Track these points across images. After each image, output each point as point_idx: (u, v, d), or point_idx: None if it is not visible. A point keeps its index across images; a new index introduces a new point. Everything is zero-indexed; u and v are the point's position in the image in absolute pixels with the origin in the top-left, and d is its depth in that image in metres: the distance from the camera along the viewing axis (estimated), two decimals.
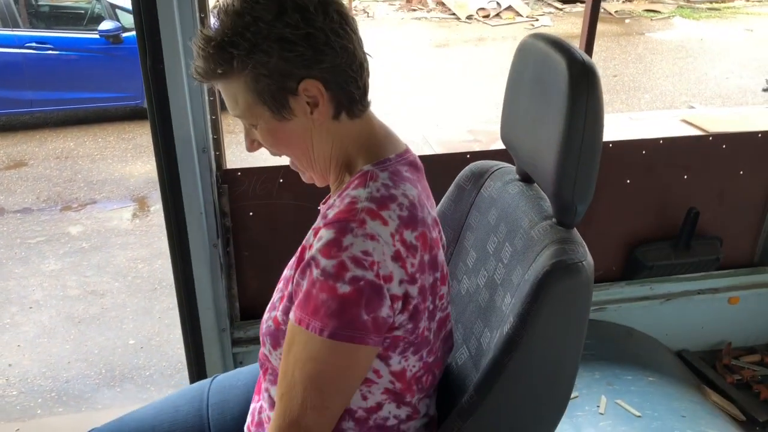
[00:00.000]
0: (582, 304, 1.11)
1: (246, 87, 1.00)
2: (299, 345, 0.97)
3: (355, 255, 0.93)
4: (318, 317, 0.94)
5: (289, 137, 1.06)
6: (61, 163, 6.08)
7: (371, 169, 1.05)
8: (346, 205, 0.98)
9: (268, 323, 1.08)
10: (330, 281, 0.93)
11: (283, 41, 0.96)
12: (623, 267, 2.52)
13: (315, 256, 0.95)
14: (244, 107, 1.03)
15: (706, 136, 2.43)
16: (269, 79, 0.98)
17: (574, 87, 1.02)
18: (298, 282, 0.98)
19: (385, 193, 1.00)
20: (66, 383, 3.11)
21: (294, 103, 1.01)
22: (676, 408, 2.06)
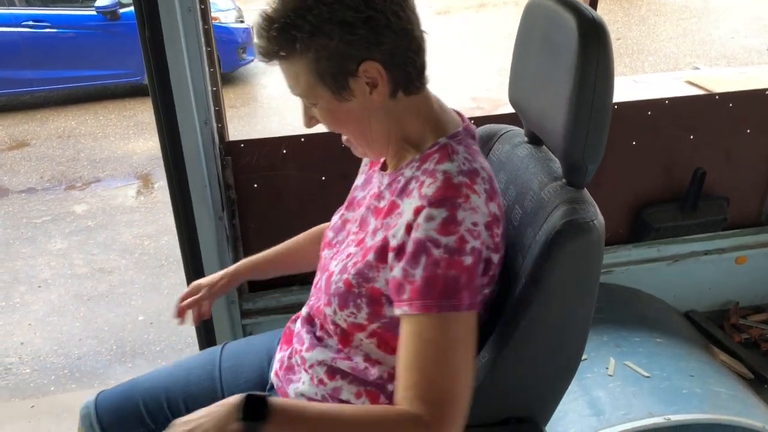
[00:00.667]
0: (593, 263, 1.11)
1: (307, 68, 1.02)
2: (431, 332, 0.98)
3: (469, 227, 0.99)
4: (452, 295, 0.98)
5: (348, 117, 1.08)
6: (64, 142, 6.08)
7: (447, 142, 1.08)
8: (442, 181, 1.01)
9: (338, 284, 1.11)
10: (456, 256, 0.98)
11: (344, 24, 0.98)
12: (630, 229, 2.52)
13: (431, 236, 0.98)
14: (305, 87, 1.05)
15: (712, 95, 2.41)
16: (330, 61, 1.01)
17: (585, 45, 1.00)
18: (406, 270, 1.00)
19: (470, 167, 1.04)
20: (78, 360, 3.15)
21: (354, 84, 1.04)
22: (684, 368, 2.07)
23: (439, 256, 0.97)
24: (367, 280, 1.08)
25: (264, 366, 1.42)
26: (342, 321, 1.12)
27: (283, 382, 1.27)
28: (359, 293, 1.08)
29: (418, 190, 1.03)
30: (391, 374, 1.14)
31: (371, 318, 1.10)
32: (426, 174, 1.05)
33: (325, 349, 1.19)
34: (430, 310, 0.98)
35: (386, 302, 1.08)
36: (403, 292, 1.00)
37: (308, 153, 2.09)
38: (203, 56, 1.78)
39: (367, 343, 1.13)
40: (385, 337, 1.11)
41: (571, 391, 1.98)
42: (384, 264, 1.05)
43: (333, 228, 1.29)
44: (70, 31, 6.70)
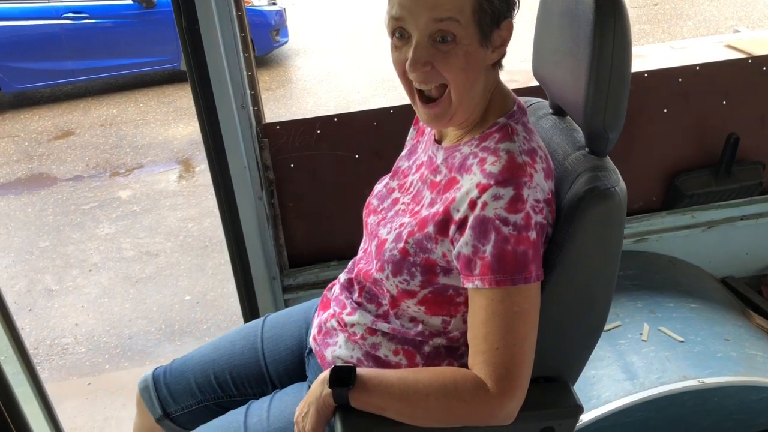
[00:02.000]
0: (616, 228, 1.15)
1: (475, 3, 1.05)
2: (505, 306, 1.05)
3: (533, 204, 1.05)
4: (522, 269, 1.04)
5: (474, 64, 1.09)
6: (106, 130, 6.24)
7: (507, 122, 1.13)
8: (506, 160, 1.06)
9: (393, 252, 1.16)
10: (524, 232, 1.04)
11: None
12: (664, 197, 2.52)
13: (500, 214, 1.03)
14: (465, 17, 1.05)
15: (745, 59, 2.37)
16: (493, 6, 1.06)
17: (601, 16, 1.04)
18: (476, 247, 1.05)
19: (530, 146, 1.10)
20: (129, 339, 3.29)
21: (494, 35, 1.09)
22: (718, 332, 2.08)
23: (508, 233, 1.03)
24: (424, 251, 1.13)
25: (303, 333, 1.50)
26: (393, 287, 1.18)
27: (321, 346, 1.34)
28: (414, 262, 1.14)
29: (480, 166, 1.08)
30: (431, 333, 1.21)
31: (423, 285, 1.15)
32: (487, 151, 1.10)
33: (366, 313, 1.26)
34: (502, 284, 1.04)
35: (440, 272, 1.14)
36: (475, 268, 1.06)
37: (341, 132, 2.14)
38: (238, 42, 1.84)
39: (415, 308, 1.19)
40: (435, 303, 1.17)
41: (605, 357, 2.02)
42: (444, 237, 1.11)
43: (378, 196, 1.35)
44: (108, 21, 6.85)
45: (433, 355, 1.22)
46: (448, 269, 1.13)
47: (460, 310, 1.17)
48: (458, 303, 1.17)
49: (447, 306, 1.17)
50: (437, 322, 1.19)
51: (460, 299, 1.16)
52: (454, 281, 1.14)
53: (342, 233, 2.26)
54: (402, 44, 1.10)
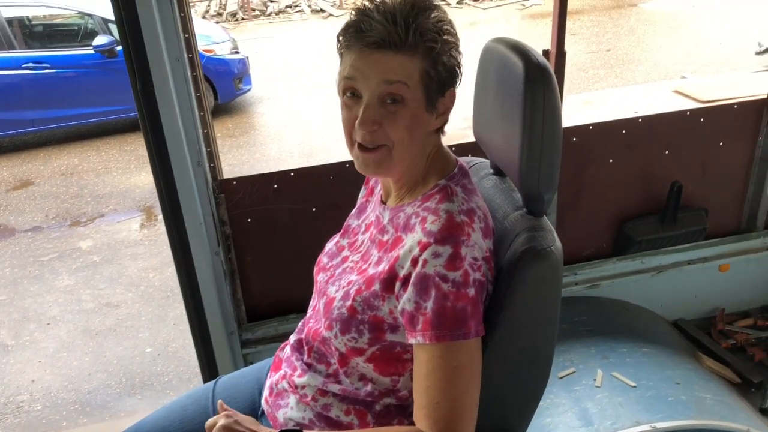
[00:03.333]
0: (553, 286, 1.20)
1: (422, 71, 1.12)
2: (445, 361, 1.09)
3: (471, 261, 1.09)
4: (461, 325, 1.08)
5: (419, 129, 1.16)
6: (67, 179, 6.18)
7: (447, 184, 1.19)
8: (445, 220, 1.10)
9: (341, 311, 1.19)
10: (463, 289, 1.08)
11: (458, 54, 1.17)
12: (614, 243, 2.59)
13: (440, 272, 1.07)
14: (413, 83, 1.12)
15: (683, 111, 2.49)
16: (439, 76, 1.13)
17: (531, 87, 1.10)
18: (418, 303, 1.09)
19: (468, 207, 1.15)
20: (88, 394, 3.21)
21: (438, 103, 1.16)
22: (670, 376, 2.13)
23: (447, 290, 1.07)
24: (371, 308, 1.17)
25: (255, 395, 1.50)
26: (342, 345, 1.20)
27: (272, 408, 1.35)
28: (362, 320, 1.17)
29: (421, 225, 1.13)
30: (381, 392, 1.23)
31: (371, 342, 1.18)
32: (428, 211, 1.15)
33: (316, 375, 1.28)
34: (442, 340, 1.08)
35: (388, 329, 1.17)
36: (417, 323, 1.10)
37: (299, 186, 2.18)
38: (193, 102, 1.88)
39: (364, 366, 1.21)
40: (383, 361, 1.20)
41: (561, 404, 2.06)
42: (390, 293, 1.15)
43: (328, 254, 1.38)
44: (69, 71, 6.82)
45: (384, 413, 1.24)
46: (395, 326, 1.16)
47: (407, 368, 1.20)
48: (406, 360, 1.19)
49: (395, 363, 1.20)
50: (387, 381, 1.22)
51: (408, 356, 1.18)
52: (401, 338, 1.17)
53: (300, 286, 2.25)
54: (353, 103, 1.15)
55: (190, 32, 1.86)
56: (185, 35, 1.83)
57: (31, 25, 7.32)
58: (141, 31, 1.68)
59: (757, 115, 2.51)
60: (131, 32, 1.68)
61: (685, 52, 8.93)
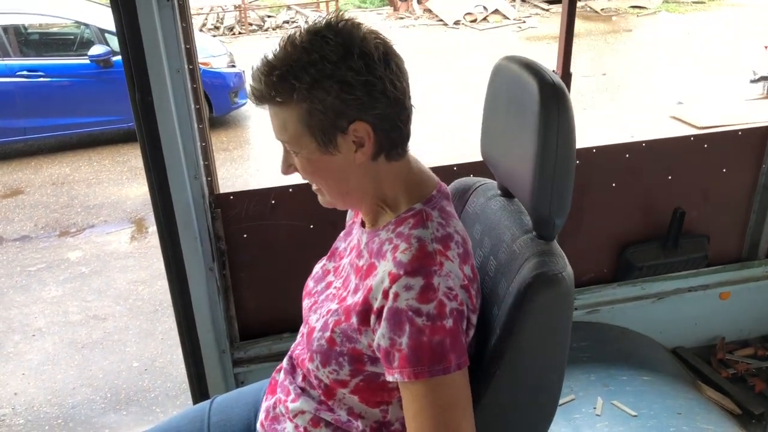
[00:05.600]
0: (563, 313, 1.15)
1: (298, 118, 1.06)
2: (430, 397, 1.02)
3: (445, 291, 1.02)
4: (440, 359, 1.01)
5: (328, 170, 1.12)
6: (58, 189, 6.12)
7: (423, 208, 1.13)
8: (417, 249, 1.05)
9: (320, 342, 1.14)
10: (438, 321, 1.01)
11: (343, 83, 1.03)
12: (614, 269, 2.56)
13: (412, 305, 1.01)
14: (292, 135, 1.08)
15: (687, 136, 2.47)
16: (324, 115, 1.05)
17: (546, 108, 1.07)
18: (392, 339, 1.02)
19: (444, 233, 1.09)
20: (72, 409, 3.14)
21: (341, 140, 1.07)
22: (671, 406, 2.10)
23: (422, 324, 1.00)
24: (350, 340, 1.11)
25: (251, 418, 1.45)
26: (325, 377, 1.15)
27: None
28: (341, 351, 1.12)
29: (392, 254, 1.07)
30: (373, 428, 1.18)
31: (353, 374, 1.13)
32: (400, 237, 1.09)
33: (309, 400, 1.23)
34: (421, 377, 1.01)
35: (368, 361, 1.11)
36: (393, 360, 1.03)
37: (297, 202, 2.14)
38: (192, 114, 1.84)
39: (350, 397, 1.16)
40: (368, 391, 1.15)
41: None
42: (366, 327, 1.08)
43: (315, 278, 1.33)
44: (64, 80, 6.78)
45: None
46: (374, 358, 1.10)
47: (394, 396, 1.15)
48: (392, 389, 1.14)
49: (381, 393, 1.15)
50: (376, 412, 1.17)
51: (393, 385, 1.13)
52: (382, 369, 1.11)
53: (295, 305, 2.19)
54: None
55: (191, 43, 1.83)
56: (186, 46, 1.79)
57: (27, 33, 7.29)
58: (142, 39, 1.64)
59: (761, 142, 2.50)
60: (131, 41, 1.64)
61: (680, 78, 8.99)
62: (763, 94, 6.45)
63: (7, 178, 6.44)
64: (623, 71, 9.48)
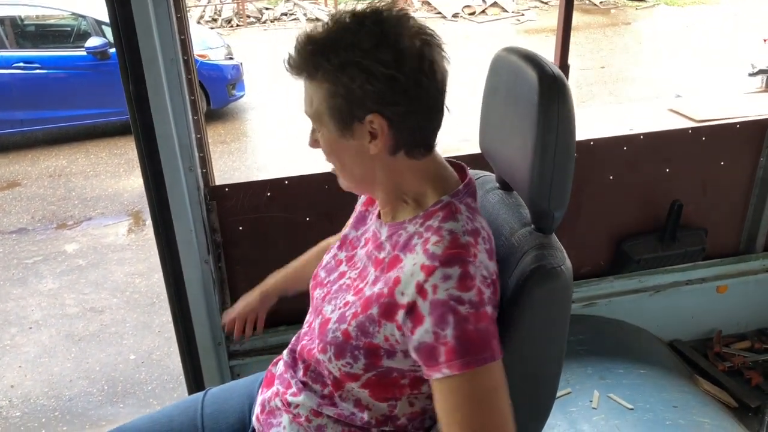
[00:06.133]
0: (562, 307, 1.14)
1: (322, 96, 1.06)
2: (475, 389, 1.00)
3: (482, 279, 1.02)
4: (486, 347, 1.00)
5: (342, 153, 1.12)
6: (55, 181, 6.10)
7: (451, 201, 1.11)
8: (450, 241, 1.03)
9: (336, 334, 1.12)
10: (481, 308, 1.00)
11: (368, 73, 1.02)
12: (611, 262, 2.56)
13: (453, 294, 0.99)
14: (316, 111, 1.09)
15: (685, 129, 2.46)
16: (344, 99, 1.05)
17: (546, 99, 1.05)
18: (436, 333, 1.00)
19: (473, 227, 1.08)
20: (69, 401, 3.14)
21: (357, 128, 1.07)
22: (667, 399, 2.10)
23: (466, 312, 0.99)
24: (366, 335, 1.08)
25: (246, 410, 1.44)
26: (336, 370, 1.13)
27: (264, 426, 1.29)
28: (357, 345, 1.09)
29: (423, 246, 1.05)
30: (378, 420, 1.16)
31: (367, 368, 1.11)
32: (430, 231, 1.07)
33: (312, 394, 1.21)
34: (470, 367, 0.99)
35: (384, 355, 1.09)
36: (439, 356, 1.00)
37: (293, 195, 2.12)
38: (187, 105, 1.82)
39: (359, 391, 1.15)
40: (378, 386, 1.13)
41: (556, 425, 2.01)
42: (389, 321, 1.06)
43: (326, 268, 1.30)
44: (60, 72, 6.76)
45: None
46: (391, 352, 1.08)
47: (405, 392, 1.14)
48: (403, 385, 1.13)
49: (392, 389, 1.13)
50: (383, 406, 1.15)
51: (405, 381, 1.12)
52: (398, 364, 1.09)
53: (291, 297, 2.21)
54: None
55: (186, 34, 1.81)
56: (181, 37, 1.78)
57: (23, 24, 7.26)
58: (135, 30, 1.62)
59: (759, 135, 2.49)
60: (125, 31, 1.62)
61: (678, 71, 8.98)
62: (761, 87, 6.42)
63: (3, 170, 6.42)
64: (622, 64, 9.46)
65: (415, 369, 1.09)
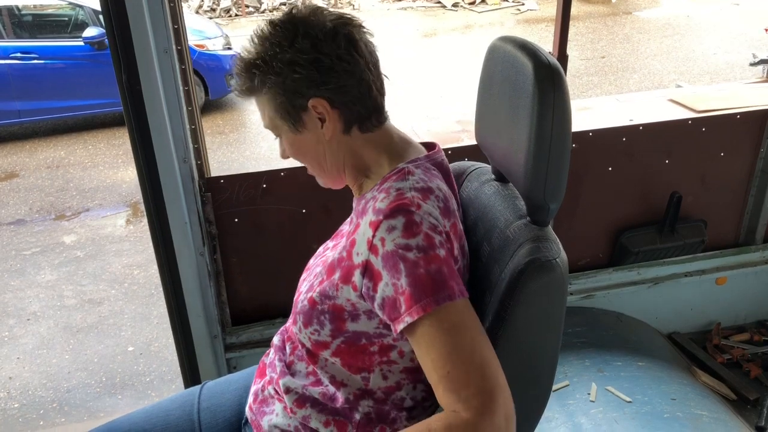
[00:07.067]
0: (557, 300, 1.13)
1: (268, 103, 1.15)
2: (438, 328, 0.99)
3: (431, 224, 1.04)
4: (441, 287, 1.00)
5: (306, 147, 1.19)
6: (53, 172, 6.08)
7: (405, 165, 1.14)
8: (395, 196, 1.06)
9: (303, 303, 1.16)
10: (430, 252, 1.01)
11: (293, 64, 1.10)
12: (610, 253, 2.54)
13: (400, 243, 1.01)
14: (270, 120, 1.18)
15: (685, 120, 2.44)
16: (283, 96, 1.12)
17: (541, 89, 1.03)
18: (394, 285, 1.02)
19: (424, 186, 1.09)
20: (67, 393, 3.14)
21: (306, 117, 1.14)
22: (665, 391, 2.08)
23: (415, 258, 1.00)
24: (328, 298, 1.12)
25: (242, 404, 1.43)
26: (306, 339, 1.17)
27: (257, 415, 1.29)
28: (322, 310, 1.13)
29: (373, 207, 1.08)
30: (356, 395, 1.17)
31: (334, 333, 1.13)
32: (381, 191, 1.10)
33: (296, 377, 1.22)
34: (427, 309, 0.99)
35: (348, 317, 1.11)
36: (400, 306, 1.01)
37: (288, 186, 2.11)
38: (180, 96, 1.81)
39: (332, 362, 1.16)
40: (349, 354, 1.14)
41: (554, 418, 2.00)
42: (346, 283, 1.09)
43: (315, 255, 1.34)
44: (58, 62, 6.73)
45: (365, 422, 1.17)
46: (355, 314, 1.11)
47: (375, 360, 1.14)
48: (372, 353, 1.13)
49: (362, 356, 1.14)
50: (357, 379, 1.16)
51: (374, 348, 1.12)
52: (363, 327, 1.11)
53: (288, 289, 2.17)
54: None
55: (179, 23, 1.79)
56: (174, 26, 1.76)
57: (21, 14, 7.21)
58: (127, 19, 1.61)
59: (759, 126, 2.47)
60: (117, 21, 1.61)
61: (679, 61, 8.94)
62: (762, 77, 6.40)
63: (1, 161, 6.40)
64: (622, 54, 9.41)
65: (382, 333, 1.11)
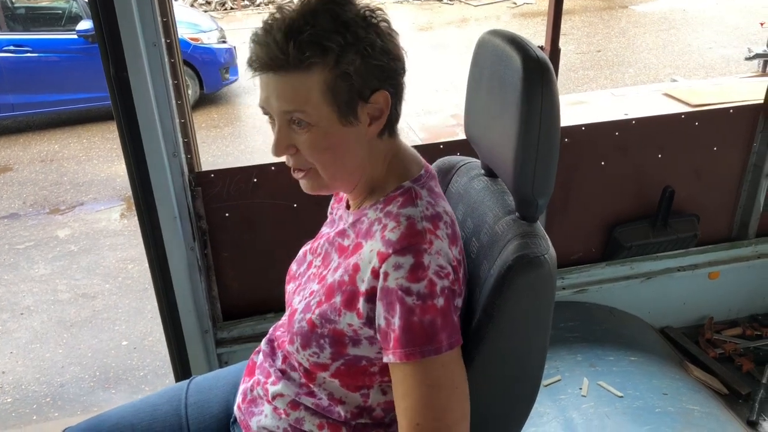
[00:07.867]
0: (545, 296, 1.12)
1: (323, 85, 1.00)
2: (418, 381, 1.00)
3: (437, 270, 1.00)
4: (431, 339, 0.99)
5: (339, 143, 1.05)
6: (47, 166, 6.07)
7: (411, 186, 1.10)
8: (406, 227, 1.02)
9: (301, 324, 1.11)
10: (429, 301, 0.99)
11: (372, 47, 1.00)
12: (603, 248, 2.54)
13: (402, 284, 0.99)
14: (315, 105, 1.01)
15: (678, 114, 2.44)
16: (352, 82, 1.01)
17: (529, 83, 1.03)
18: (387, 320, 1.01)
19: (433, 212, 1.06)
20: (60, 387, 3.14)
21: (361, 111, 1.04)
22: (657, 386, 2.09)
23: (412, 304, 0.98)
24: (329, 322, 1.08)
25: (230, 400, 1.42)
26: (305, 360, 1.13)
27: (245, 415, 1.27)
28: (322, 333, 1.09)
29: (381, 233, 1.04)
30: (354, 413, 1.15)
31: (334, 357, 1.10)
32: (389, 217, 1.06)
33: (290, 383, 1.20)
34: (411, 358, 0.99)
35: (349, 342, 1.08)
36: (389, 341, 1.02)
37: (279, 181, 2.10)
38: (170, 90, 1.79)
39: (330, 381, 1.14)
40: (348, 375, 1.12)
41: (545, 413, 2.00)
42: (350, 310, 1.06)
43: (298, 260, 1.30)
44: (51, 55, 6.70)
45: (359, 428, 1.17)
46: (356, 339, 1.08)
47: (375, 380, 1.13)
48: (373, 373, 1.12)
49: (362, 377, 1.12)
50: (356, 396, 1.15)
51: (374, 369, 1.11)
52: (364, 352, 1.09)
53: (279, 284, 2.16)
54: (273, 125, 1.08)
55: (169, 16, 1.77)
56: (163, 19, 1.74)
57: (14, 7, 7.19)
58: (115, 12, 1.59)
59: (753, 120, 2.46)
60: (104, 14, 1.59)
61: (675, 55, 8.93)
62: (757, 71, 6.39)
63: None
64: (618, 48, 9.40)
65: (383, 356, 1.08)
